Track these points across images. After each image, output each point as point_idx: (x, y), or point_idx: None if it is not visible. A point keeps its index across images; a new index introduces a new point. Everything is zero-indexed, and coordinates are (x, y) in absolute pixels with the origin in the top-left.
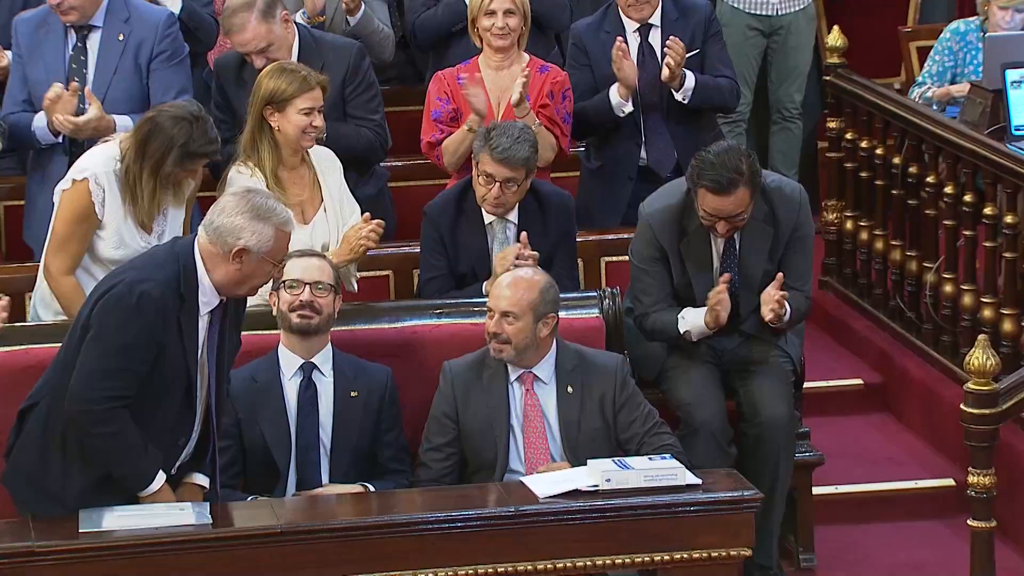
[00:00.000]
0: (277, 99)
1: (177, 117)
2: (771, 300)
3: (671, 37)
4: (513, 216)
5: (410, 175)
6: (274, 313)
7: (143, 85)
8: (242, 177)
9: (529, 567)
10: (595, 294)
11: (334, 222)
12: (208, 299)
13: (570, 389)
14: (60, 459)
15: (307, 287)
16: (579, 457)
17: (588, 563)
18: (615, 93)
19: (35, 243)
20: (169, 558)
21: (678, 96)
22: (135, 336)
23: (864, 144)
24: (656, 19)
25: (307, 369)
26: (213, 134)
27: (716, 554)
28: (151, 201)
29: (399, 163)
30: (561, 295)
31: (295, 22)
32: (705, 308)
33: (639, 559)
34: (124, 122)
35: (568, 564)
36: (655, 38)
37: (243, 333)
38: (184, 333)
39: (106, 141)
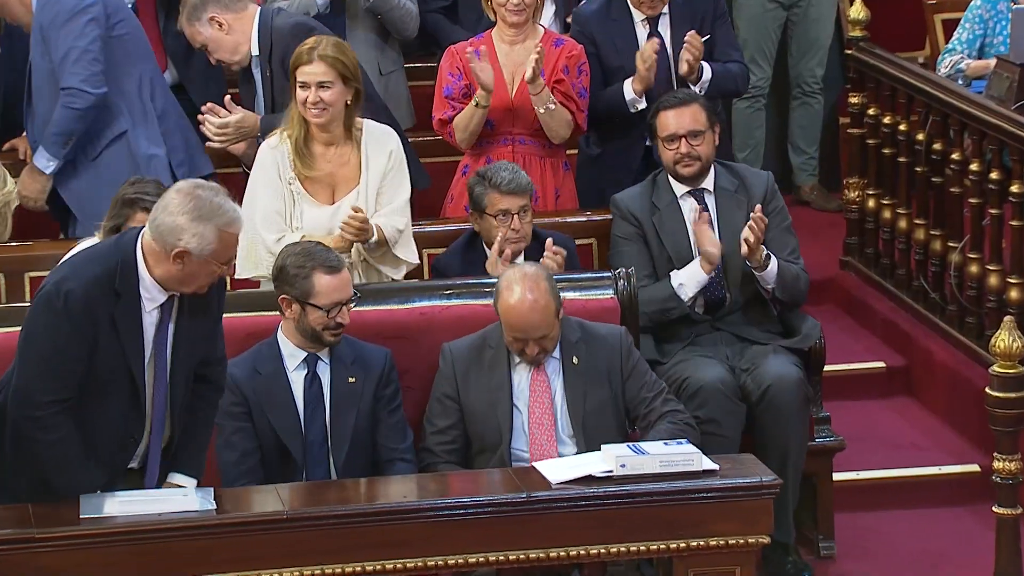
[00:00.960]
0: (288, 68)
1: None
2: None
3: (690, 32)
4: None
5: (424, 151)
6: (288, 316)
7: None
8: (269, 145)
9: (541, 554)
10: (609, 275)
11: (366, 207)
12: (152, 295)
13: (575, 360)
14: (12, 455)
15: (343, 307)
16: (587, 429)
17: (602, 551)
18: (630, 88)
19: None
20: (172, 544)
21: (695, 89)
22: (67, 336)
23: (887, 120)
24: (664, 6)
25: (311, 362)
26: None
27: (734, 541)
28: None
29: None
30: (576, 276)
31: (261, 8)
32: (697, 259)
33: (654, 547)
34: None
35: (581, 552)
36: (664, 26)
37: (242, 315)
38: (120, 330)
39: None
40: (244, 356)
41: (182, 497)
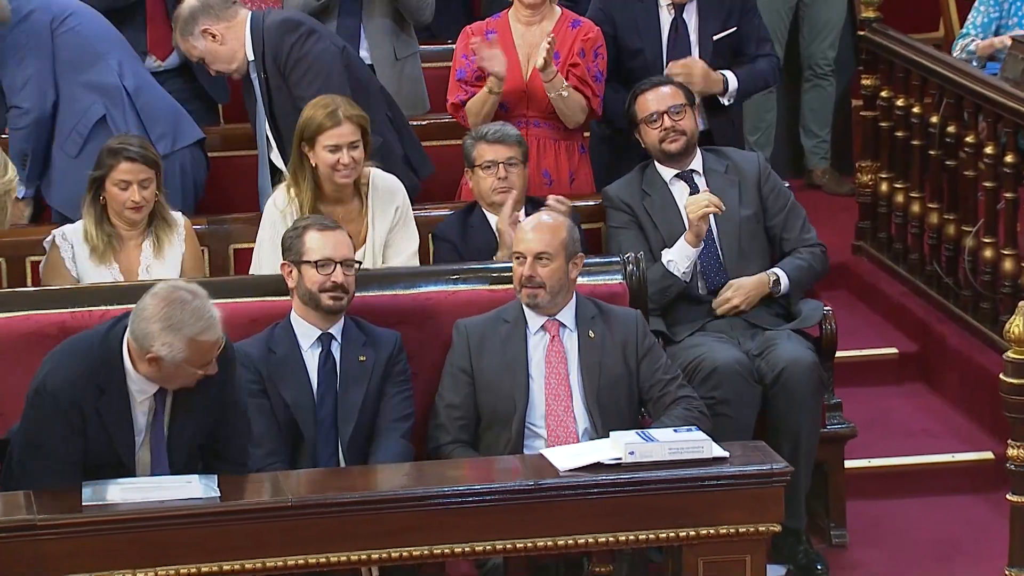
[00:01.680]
0: (307, 134)
1: None
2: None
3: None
4: None
5: (433, 134)
6: (290, 285)
7: None
8: (276, 205)
9: (549, 542)
10: (618, 259)
11: (373, 263)
12: (141, 387)
13: (592, 334)
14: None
15: (338, 266)
16: (601, 402)
17: (610, 539)
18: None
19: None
20: (175, 533)
21: (724, 100)
22: (56, 430)
23: (900, 102)
24: None
25: (325, 341)
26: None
27: (744, 530)
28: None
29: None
30: (585, 261)
31: (252, 11)
32: (684, 234)
33: (663, 535)
34: None
35: (590, 540)
36: (690, 13)
37: (248, 300)
38: (107, 422)
39: None
40: (258, 337)
41: (185, 484)
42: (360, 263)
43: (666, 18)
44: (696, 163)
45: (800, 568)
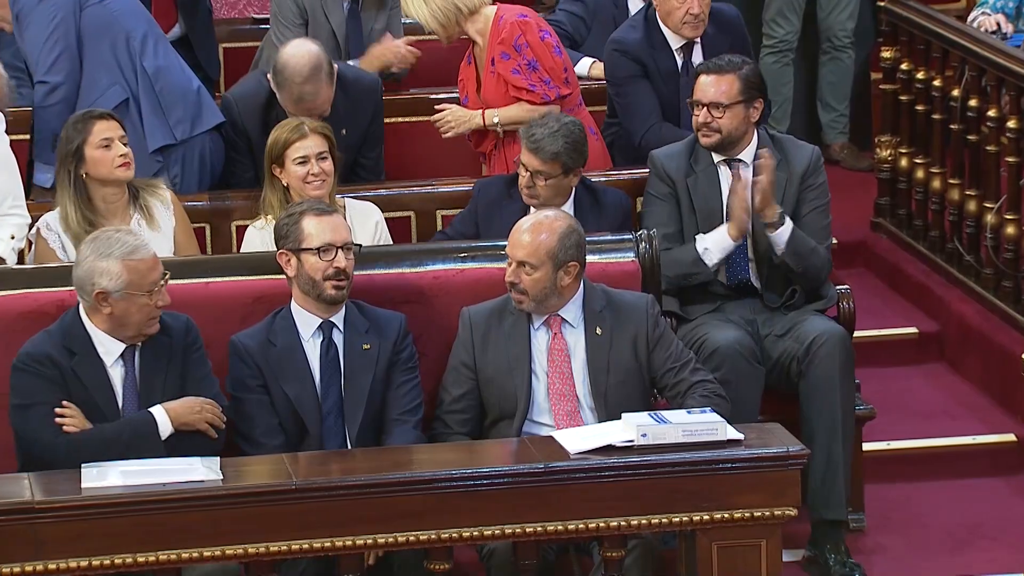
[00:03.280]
0: (275, 153)
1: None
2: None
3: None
4: (568, 209)
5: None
6: (289, 275)
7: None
8: (255, 233)
9: (559, 527)
10: (630, 237)
11: None
12: (108, 348)
13: (599, 331)
14: None
15: (339, 251)
16: (608, 402)
17: (622, 523)
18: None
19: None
20: (177, 516)
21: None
22: (39, 385)
23: (921, 75)
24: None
25: (326, 329)
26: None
27: (759, 514)
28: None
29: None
30: (596, 239)
31: None
32: (725, 225)
33: (676, 519)
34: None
35: (601, 524)
36: (697, 55)
37: (250, 278)
38: (88, 385)
39: None
40: (258, 327)
41: (187, 467)
42: (360, 245)
43: (678, 63)
44: (747, 153)
45: None
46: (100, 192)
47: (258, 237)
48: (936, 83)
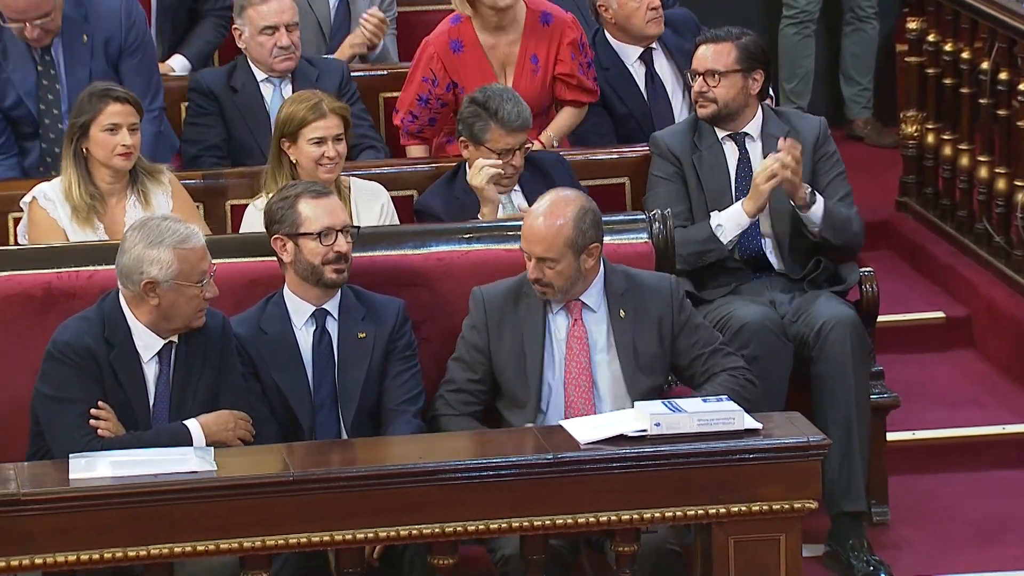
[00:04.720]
0: (289, 129)
1: None
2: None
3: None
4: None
5: None
6: (285, 260)
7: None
8: (256, 212)
9: (569, 520)
10: (643, 217)
11: None
12: (147, 342)
13: (623, 313)
14: None
15: (339, 234)
16: (630, 391)
17: (635, 516)
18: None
19: None
20: (169, 509)
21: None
22: (75, 379)
23: (948, 47)
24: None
25: (320, 317)
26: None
27: (778, 507)
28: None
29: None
30: (608, 219)
31: None
32: (740, 201)
33: (691, 512)
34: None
35: (612, 517)
36: (660, 61)
37: (244, 260)
38: (122, 381)
39: None
40: (248, 313)
41: (180, 458)
42: (359, 228)
43: (639, 74)
44: (752, 126)
45: None
46: (99, 172)
47: (259, 216)
48: (964, 55)
